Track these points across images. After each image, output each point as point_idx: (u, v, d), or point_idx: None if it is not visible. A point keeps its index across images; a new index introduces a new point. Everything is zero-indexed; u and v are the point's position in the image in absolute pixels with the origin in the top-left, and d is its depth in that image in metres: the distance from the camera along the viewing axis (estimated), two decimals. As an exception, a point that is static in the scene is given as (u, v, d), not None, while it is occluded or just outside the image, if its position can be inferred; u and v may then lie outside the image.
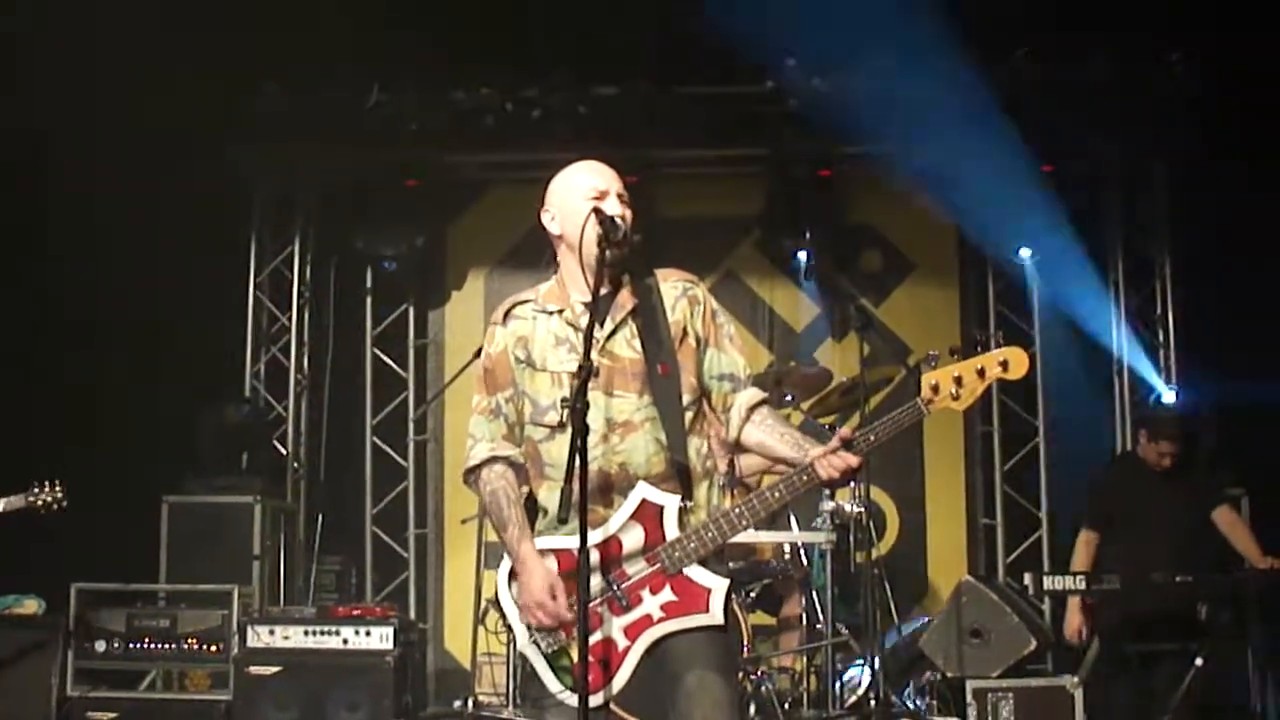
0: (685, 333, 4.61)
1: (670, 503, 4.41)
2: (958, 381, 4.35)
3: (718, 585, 4.38)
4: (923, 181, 10.85)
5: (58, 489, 7.73)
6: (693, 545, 4.38)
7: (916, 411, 4.37)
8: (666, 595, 4.39)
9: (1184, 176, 10.43)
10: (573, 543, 4.34)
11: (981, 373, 4.36)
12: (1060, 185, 10.37)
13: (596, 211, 4.46)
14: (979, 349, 4.37)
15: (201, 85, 9.31)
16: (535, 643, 4.51)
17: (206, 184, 10.00)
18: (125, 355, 9.56)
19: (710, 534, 4.39)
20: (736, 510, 4.41)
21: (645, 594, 4.40)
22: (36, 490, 7.71)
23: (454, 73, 10.33)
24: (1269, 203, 9.28)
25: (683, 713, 4.36)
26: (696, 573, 4.39)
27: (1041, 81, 10.04)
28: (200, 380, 10.29)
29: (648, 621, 4.38)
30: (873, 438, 4.37)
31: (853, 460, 4.32)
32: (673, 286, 4.67)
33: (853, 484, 8.75)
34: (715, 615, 4.36)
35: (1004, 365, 4.38)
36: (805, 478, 4.39)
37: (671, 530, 4.39)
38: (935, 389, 4.34)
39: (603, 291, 4.50)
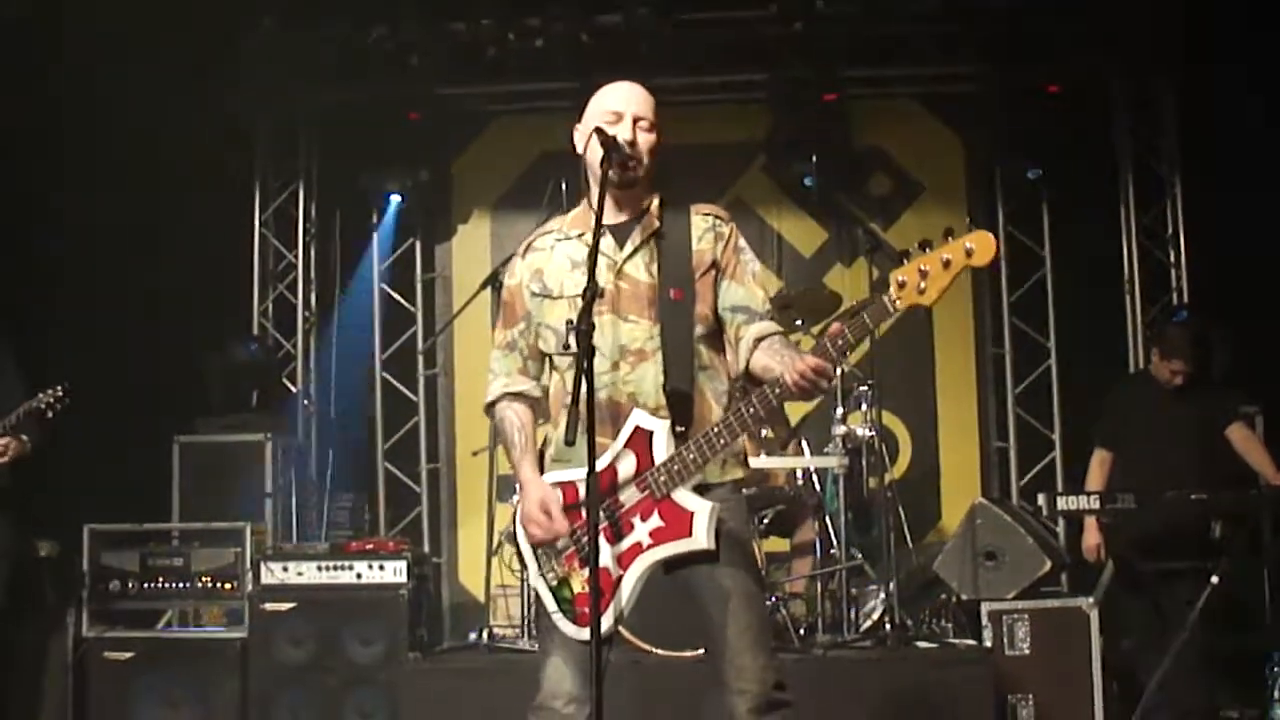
0: (710, 264, 4.60)
1: (659, 427, 4.39)
2: (923, 275, 4.17)
3: (700, 508, 4.36)
4: (929, 103, 10.85)
5: (59, 389, 7.69)
6: (676, 468, 4.36)
7: (883, 309, 4.24)
8: (655, 521, 4.39)
9: (1193, 93, 10.36)
10: (575, 474, 4.37)
11: (947, 263, 4.16)
12: (1068, 104, 10.29)
13: (599, 131, 4.45)
14: (948, 239, 4.22)
15: (199, 22, 9.23)
16: (542, 575, 4.56)
17: (208, 123, 9.95)
18: (132, 297, 9.53)
19: (691, 455, 4.36)
20: (715, 429, 4.38)
21: (636, 521, 4.42)
22: (41, 395, 7.69)
23: (454, 4, 10.23)
24: (1278, 117, 9.21)
25: (709, 622, 4.45)
26: (682, 496, 4.38)
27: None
28: (208, 320, 10.26)
29: (638, 549, 4.40)
30: (840, 342, 4.27)
31: (811, 361, 4.21)
32: (703, 219, 4.68)
33: (864, 407, 8.74)
34: (698, 539, 4.34)
35: (969, 252, 4.15)
36: (778, 389, 4.32)
37: (660, 456, 4.38)
38: (902, 285, 4.19)
39: (625, 217, 4.59)
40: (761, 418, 4.41)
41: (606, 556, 4.38)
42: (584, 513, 4.39)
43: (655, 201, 4.68)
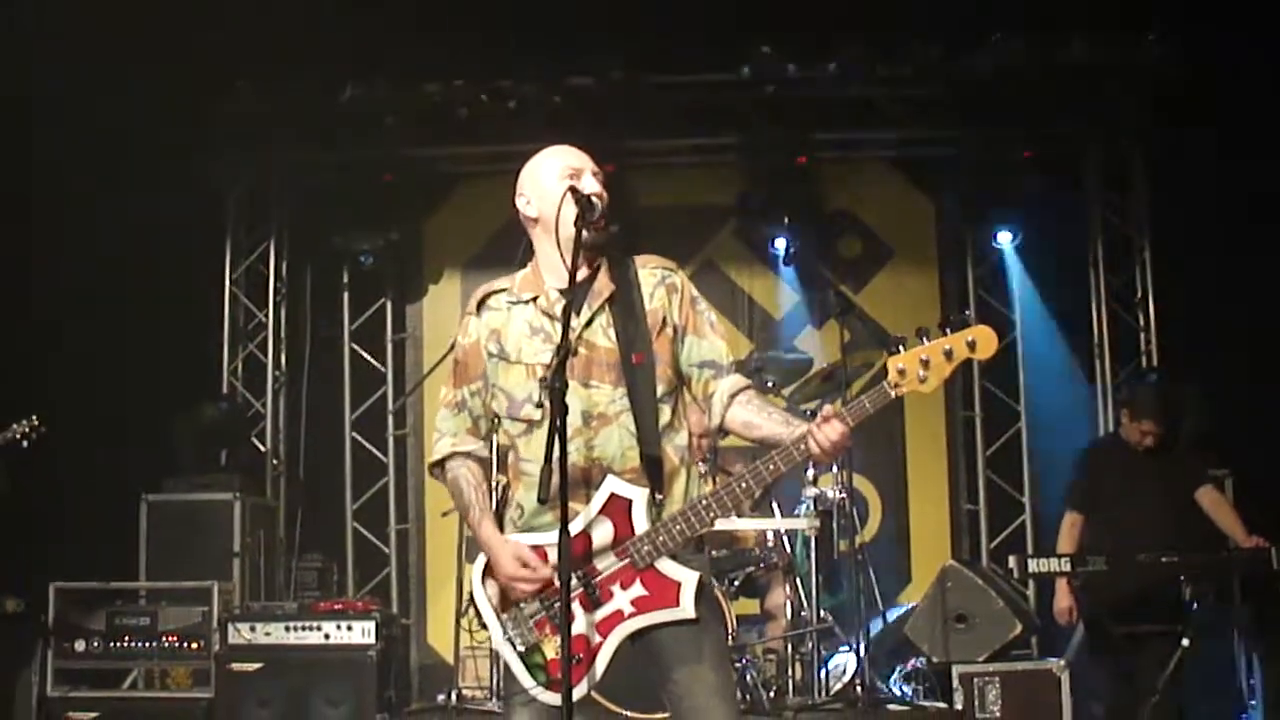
0: (664, 322, 4.51)
1: (639, 496, 4.32)
2: (924, 364, 4.19)
3: (688, 578, 4.31)
4: (900, 166, 10.91)
5: (34, 419, 7.77)
6: (662, 539, 4.30)
7: (883, 396, 4.24)
8: (637, 590, 4.32)
9: (1162, 158, 10.43)
10: (544, 539, 4.32)
11: (949, 354, 4.19)
12: (1039, 169, 10.35)
13: (573, 190, 4.39)
14: (947, 330, 4.24)
15: (173, 83, 9.24)
16: (509, 640, 4.47)
17: (181, 182, 9.93)
18: (102, 354, 9.49)
19: (679, 527, 4.30)
20: (704, 502, 4.32)
21: (616, 589, 4.33)
22: (15, 426, 7.71)
23: (427, 65, 10.26)
24: (1247, 183, 9.29)
25: (678, 707, 4.34)
26: (666, 566, 4.31)
27: (1019, 65, 10.00)
28: (178, 378, 10.22)
29: (619, 617, 4.32)
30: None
31: (842, 429, 4.20)
32: (651, 274, 4.57)
33: (835, 470, 8.74)
34: (686, 609, 4.29)
35: (972, 345, 4.18)
36: (771, 467, 4.30)
37: (641, 524, 4.31)
38: (902, 373, 4.20)
39: (580, 276, 4.43)
40: (754, 494, 4.39)
41: (584, 623, 4.32)
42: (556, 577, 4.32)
43: (603, 261, 4.58)
